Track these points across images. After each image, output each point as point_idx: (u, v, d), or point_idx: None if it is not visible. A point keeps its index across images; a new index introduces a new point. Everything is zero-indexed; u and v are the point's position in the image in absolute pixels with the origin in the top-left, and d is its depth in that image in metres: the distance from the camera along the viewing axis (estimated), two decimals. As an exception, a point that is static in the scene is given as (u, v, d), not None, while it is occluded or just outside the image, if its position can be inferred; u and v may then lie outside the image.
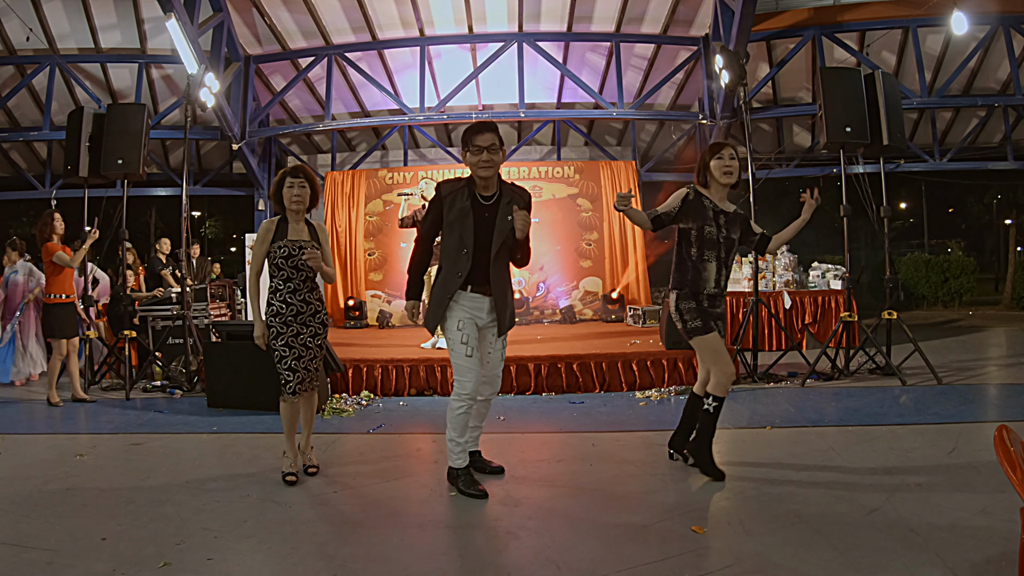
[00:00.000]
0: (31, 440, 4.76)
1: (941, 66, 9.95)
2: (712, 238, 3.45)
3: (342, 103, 10.98)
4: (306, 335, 3.60)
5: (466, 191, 3.28)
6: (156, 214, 19.92)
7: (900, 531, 2.69)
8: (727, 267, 3.53)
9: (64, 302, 6.01)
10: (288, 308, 3.55)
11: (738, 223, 3.57)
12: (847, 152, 6.44)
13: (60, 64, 9.67)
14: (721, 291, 3.52)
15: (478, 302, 3.31)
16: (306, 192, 3.58)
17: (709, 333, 3.43)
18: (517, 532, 2.85)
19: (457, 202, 3.26)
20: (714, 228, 3.45)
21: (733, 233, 3.52)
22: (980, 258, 18.87)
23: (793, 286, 8.49)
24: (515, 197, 3.31)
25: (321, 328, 3.67)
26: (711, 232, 3.45)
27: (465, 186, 3.29)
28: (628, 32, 9.84)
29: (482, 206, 3.27)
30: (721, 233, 3.46)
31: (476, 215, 3.25)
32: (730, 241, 3.51)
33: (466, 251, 3.24)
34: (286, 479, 3.53)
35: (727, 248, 3.50)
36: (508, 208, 3.25)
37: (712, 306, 3.49)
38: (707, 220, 3.45)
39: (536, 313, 10.41)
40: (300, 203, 3.58)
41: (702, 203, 3.48)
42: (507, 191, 3.32)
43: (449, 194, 3.28)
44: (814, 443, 4.12)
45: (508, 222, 3.23)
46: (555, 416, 5.17)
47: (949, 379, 6.05)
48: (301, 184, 3.57)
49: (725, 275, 3.52)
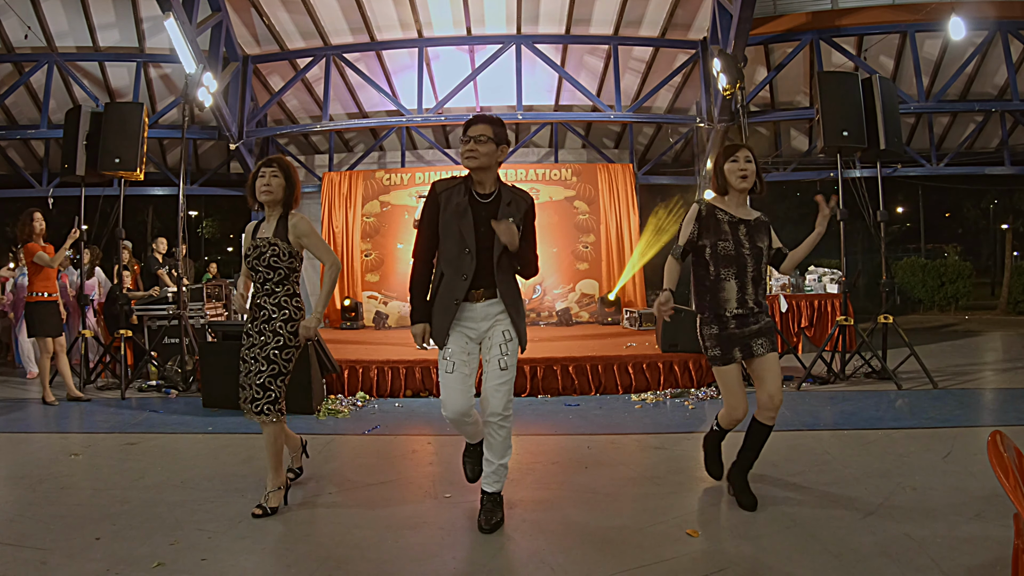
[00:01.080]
0: (25, 439, 4.75)
1: (939, 71, 9.98)
2: (727, 254, 3.13)
3: (340, 104, 10.96)
4: (246, 345, 3.26)
5: (463, 187, 3.00)
6: (153, 213, 19.87)
7: (895, 535, 2.70)
8: (755, 281, 3.17)
9: (47, 300, 6.00)
10: (251, 311, 3.29)
11: (765, 231, 3.25)
12: (844, 156, 6.46)
13: (58, 62, 9.65)
14: (750, 310, 3.15)
15: (470, 311, 2.96)
16: (278, 182, 3.20)
17: (727, 365, 3.17)
18: (512, 534, 2.84)
19: (454, 198, 2.97)
20: (730, 243, 3.13)
21: (760, 241, 3.19)
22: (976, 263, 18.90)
23: (789, 290, 8.49)
24: (515, 199, 3.01)
25: (271, 337, 3.18)
26: (725, 248, 3.13)
27: (462, 182, 3.02)
28: (626, 35, 9.85)
29: (480, 204, 2.97)
30: (743, 246, 3.14)
31: (475, 213, 2.95)
32: (756, 251, 3.16)
33: (468, 251, 2.92)
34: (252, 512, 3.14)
35: (754, 260, 3.15)
36: (508, 210, 2.95)
37: (742, 326, 3.15)
38: (720, 235, 3.14)
39: (532, 315, 10.40)
40: (268, 192, 3.19)
41: (715, 216, 3.19)
42: (506, 192, 3.02)
43: (445, 190, 3.00)
44: (809, 447, 4.13)
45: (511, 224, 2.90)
46: (550, 419, 5.17)
47: (945, 383, 6.06)
48: (273, 173, 3.21)
49: (753, 290, 3.16)
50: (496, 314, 2.97)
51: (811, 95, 10.13)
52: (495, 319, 2.97)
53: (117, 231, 6.71)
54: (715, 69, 7.55)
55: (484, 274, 2.94)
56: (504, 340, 2.96)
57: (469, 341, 2.97)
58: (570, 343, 7.51)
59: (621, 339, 7.75)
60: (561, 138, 11.79)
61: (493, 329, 2.97)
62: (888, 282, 6.46)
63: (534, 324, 10.23)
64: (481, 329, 2.97)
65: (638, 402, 5.66)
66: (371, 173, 11.07)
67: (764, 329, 3.19)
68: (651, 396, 5.80)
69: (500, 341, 2.96)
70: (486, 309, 2.96)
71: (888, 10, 9.28)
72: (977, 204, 20.83)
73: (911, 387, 5.94)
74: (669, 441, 4.38)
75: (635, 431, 4.69)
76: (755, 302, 3.17)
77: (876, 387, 6.03)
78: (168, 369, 6.73)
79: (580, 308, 10.52)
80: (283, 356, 3.19)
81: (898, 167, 10.80)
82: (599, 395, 5.99)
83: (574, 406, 5.58)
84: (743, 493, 3.15)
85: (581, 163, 11.29)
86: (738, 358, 3.17)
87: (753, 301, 3.16)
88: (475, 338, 2.98)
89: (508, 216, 2.93)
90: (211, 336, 6.96)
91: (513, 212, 2.96)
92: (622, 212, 10.62)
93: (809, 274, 8.86)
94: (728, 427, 3.35)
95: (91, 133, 6.50)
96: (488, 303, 2.96)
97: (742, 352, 3.17)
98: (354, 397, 5.90)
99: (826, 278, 8.64)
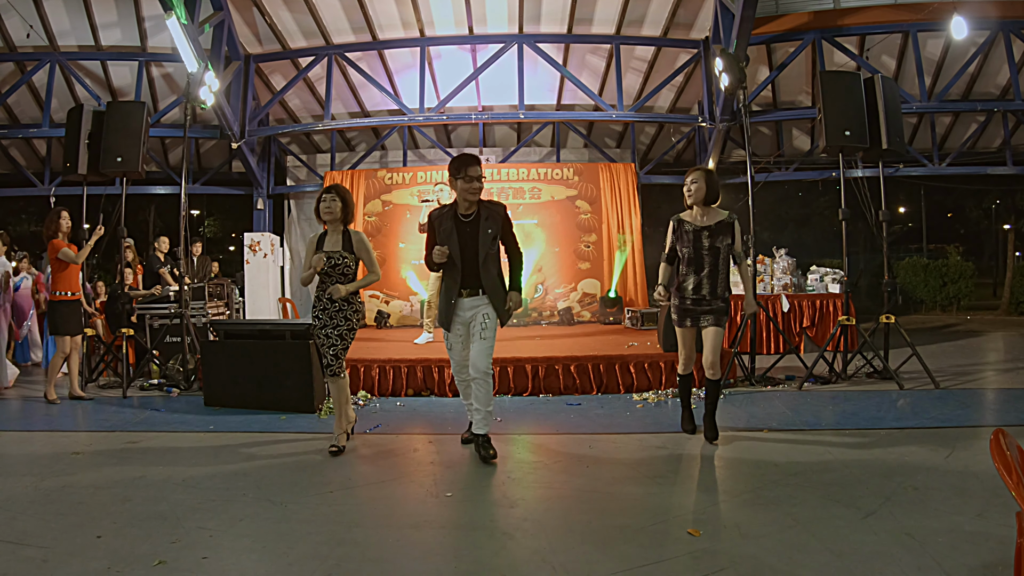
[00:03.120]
0: (27, 437, 4.76)
1: (941, 71, 9.97)
2: (689, 256, 4.26)
3: (342, 103, 10.98)
4: (318, 326, 4.21)
5: (450, 212, 4.03)
6: (155, 212, 19.89)
7: (896, 535, 2.69)
8: (711, 276, 4.21)
9: (70, 299, 6.04)
10: (319, 303, 4.21)
11: (727, 231, 4.22)
12: (846, 156, 6.44)
13: (60, 61, 9.67)
14: (702, 296, 4.23)
15: (460, 303, 4.03)
16: (336, 205, 4.17)
17: (680, 327, 4.36)
18: (513, 533, 2.84)
19: (444, 223, 4.01)
20: (690, 248, 4.24)
21: (719, 242, 4.20)
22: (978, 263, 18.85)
23: (791, 289, 8.49)
24: (491, 213, 4.01)
25: (343, 322, 4.19)
26: (687, 252, 4.26)
27: (449, 209, 4.05)
28: (628, 34, 9.86)
29: (463, 223, 4.00)
30: (702, 249, 4.21)
31: (459, 232, 3.98)
32: (715, 251, 4.21)
33: (455, 263, 3.98)
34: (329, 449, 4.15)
35: (711, 258, 4.21)
36: (487, 223, 3.98)
37: (695, 305, 4.27)
38: (684, 243, 4.28)
39: (534, 314, 10.40)
40: (329, 214, 4.17)
41: (683, 228, 4.30)
42: (483, 208, 4.01)
43: (437, 218, 4.07)
44: (811, 447, 4.12)
45: (489, 235, 3.96)
46: (552, 418, 5.17)
47: (946, 383, 6.05)
48: (332, 198, 4.17)
49: (708, 282, 4.22)
50: (479, 304, 4.02)
51: (813, 95, 10.12)
52: (477, 308, 4.02)
53: (119, 230, 6.71)
54: (717, 68, 7.55)
55: (470, 275, 4.01)
56: (483, 319, 4.00)
57: (462, 326, 4.08)
58: (572, 342, 7.50)
59: (623, 338, 7.75)
60: (563, 137, 11.79)
61: (476, 314, 4.03)
62: (890, 282, 6.44)
63: (536, 323, 10.23)
64: (467, 317, 4.05)
65: (639, 401, 5.66)
66: (373, 172, 11.06)
67: (713, 311, 4.24)
68: (652, 395, 5.79)
69: (480, 321, 4.01)
70: (472, 302, 4.04)
71: (890, 10, 9.27)
72: (979, 204, 20.80)
73: (913, 387, 5.93)
74: (671, 440, 4.37)
75: (636, 430, 4.68)
76: (709, 291, 4.23)
77: (878, 387, 6.02)
78: (170, 368, 6.74)
79: (582, 307, 10.51)
80: (350, 336, 4.25)
81: (900, 167, 10.79)
82: (601, 394, 5.99)
83: (576, 405, 5.58)
84: (709, 429, 4.27)
85: (583, 162, 11.28)
86: (688, 325, 4.33)
87: (707, 291, 4.22)
88: (466, 322, 4.07)
89: (488, 229, 3.97)
90: (213, 335, 6.96)
91: (492, 225, 3.99)
92: (624, 212, 10.60)
93: (811, 274, 8.86)
94: (682, 371, 4.50)
95: (93, 132, 6.50)
96: (472, 299, 4.03)
97: (692, 322, 4.31)
98: (356, 396, 5.90)
99: (828, 278, 8.63)
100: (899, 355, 6.45)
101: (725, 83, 7.38)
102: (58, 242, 5.96)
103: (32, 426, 5.17)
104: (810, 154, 11.42)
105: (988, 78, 10.15)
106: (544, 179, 10.78)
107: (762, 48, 9.84)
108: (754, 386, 6.18)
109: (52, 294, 6.04)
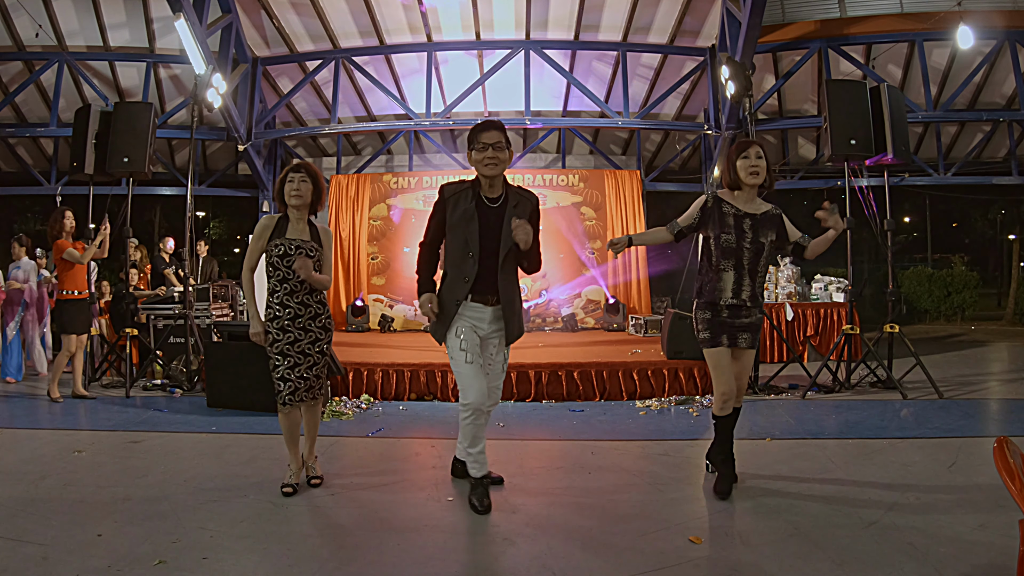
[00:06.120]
0: (30, 435, 4.77)
1: (946, 80, 9.95)
2: (729, 246, 3.31)
3: (348, 107, 11.01)
4: (304, 341, 3.40)
5: (471, 192, 3.15)
6: (161, 213, 19.96)
7: (899, 544, 2.68)
8: (752, 275, 3.34)
9: (77, 298, 6.07)
10: (285, 311, 3.36)
11: (772, 225, 3.39)
12: (852, 165, 6.44)
13: (68, 61, 9.72)
14: (743, 302, 3.33)
15: (480, 312, 3.18)
16: (307, 187, 3.39)
17: (715, 347, 3.35)
18: (514, 539, 2.84)
19: (461, 203, 3.13)
20: (732, 236, 3.31)
21: (763, 236, 3.34)
22: (983, 273, 18.76)
23: (795, 298, 8.48)
24: (521, 200, 3.18)
25: (322, 333, 3.45)
26: (727, 240, 3.31)
27: (470, 187, 3.17)
28: (635, 42, 9.87)
29: (488, 208, 3.14)
30: (745, 238, 3.31)
31: (481, 217, 3.11)
32: (757, 245, 3.33)
33: (472, 255, 3.10)
34: (283, 490, 3.36)
35: (753, 254, 3.32)
36: (515, 211, 3.12)
37: (733, 317, 3.34)
38: (724, 228, 3.32)
39: (538, 320, 10.40)
40: (299, 197, 3.36)
41: (720, 209, 3.36)
42: (513, 194, 3.20)
43: (453, 195, 3.16)
44: (814, 455, 4.10)
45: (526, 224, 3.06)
46: (555, 424, 5.16)
47: (950, 393, 6.03)
48: (302, 179, 3.38)
49: (750, 283, 3.33)
50: (501, 319, 3.22)
51: (819, 103, 10.12)
52: (498, 326, 3.23)
53: (124, 230, 6.73)
54: (723, 76, 7.56)
55: (486, 276, 3.14)
56: (503, 350, 3.33)
57: (478, 337, 3.20)
58: (575, 349, 7.50)
59: (626, 345, 7.74)
60: (569, 144, 11.81)
61: (496, 336, 3.25)
62: (894, 291, 6.43)
63: (539, 329, 10.22)
64: (487, 331, 3.23)
65: (642, 408, 5.64)
66: (379, 176, 11.10)
67: (752, 325, 3.40)
68: (655, 403, 5.78)
69: (502, 350, 3.32)
70: (496, 313, 3.21)
71: (896, 19, 9.27)
72: (984, 214, 20.72)
73: (916, 397, 5.91)
74: (673, 448, 4.36)
75: (639, 437, 4.67)
76: (749, 296, 3.35)
77: (881, 396, 5.99)
78: (173, 368, 6.76)
79: (586, 314, 10.51)
80: (329, 349, 3.56)
81: (905, 176, 10.78)
82: (603, 401, 5.98)
83: (578, 411, 5.57)
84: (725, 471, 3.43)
85: (588, 169, 11.30)
86: (724, 344, 3.36)
87: (748, 295, 3.35)
88: (482, 336, 3.23)
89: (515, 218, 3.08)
90: (216, 336, 6.98)
91: (520, 214, 3.13)
92: (629, 218, 10.61)
93: (815, 283, 8.84)
94: (719, 411, 3.43)
95: (100, 132, 6.53)
96: (497, 308, 3.20)
97: (729, 340, 3.37)
98: (358, 399, 5.90)
99: (832, 287, 8.62)
100: (903, 365, 6.42)
101: (731, 91, 7.38)
102: (63, 242, 5.98)
103: (35, 424, 5.18)
104: (816, 163, 11.41)
105: (994, 88, 10.13)
106: (549, 185, 10.80)
107: (768, 56, 9.84)
108: (757, 394, 6.17)
109: (59, 293, 6.07)
